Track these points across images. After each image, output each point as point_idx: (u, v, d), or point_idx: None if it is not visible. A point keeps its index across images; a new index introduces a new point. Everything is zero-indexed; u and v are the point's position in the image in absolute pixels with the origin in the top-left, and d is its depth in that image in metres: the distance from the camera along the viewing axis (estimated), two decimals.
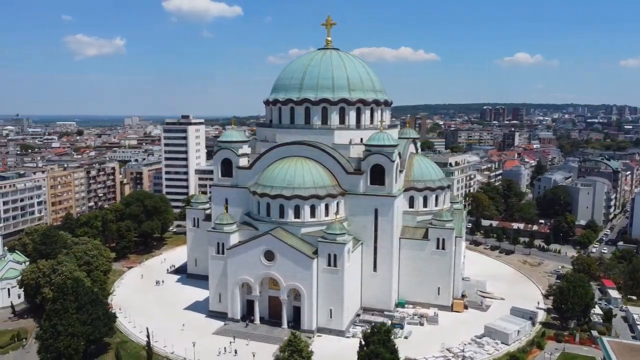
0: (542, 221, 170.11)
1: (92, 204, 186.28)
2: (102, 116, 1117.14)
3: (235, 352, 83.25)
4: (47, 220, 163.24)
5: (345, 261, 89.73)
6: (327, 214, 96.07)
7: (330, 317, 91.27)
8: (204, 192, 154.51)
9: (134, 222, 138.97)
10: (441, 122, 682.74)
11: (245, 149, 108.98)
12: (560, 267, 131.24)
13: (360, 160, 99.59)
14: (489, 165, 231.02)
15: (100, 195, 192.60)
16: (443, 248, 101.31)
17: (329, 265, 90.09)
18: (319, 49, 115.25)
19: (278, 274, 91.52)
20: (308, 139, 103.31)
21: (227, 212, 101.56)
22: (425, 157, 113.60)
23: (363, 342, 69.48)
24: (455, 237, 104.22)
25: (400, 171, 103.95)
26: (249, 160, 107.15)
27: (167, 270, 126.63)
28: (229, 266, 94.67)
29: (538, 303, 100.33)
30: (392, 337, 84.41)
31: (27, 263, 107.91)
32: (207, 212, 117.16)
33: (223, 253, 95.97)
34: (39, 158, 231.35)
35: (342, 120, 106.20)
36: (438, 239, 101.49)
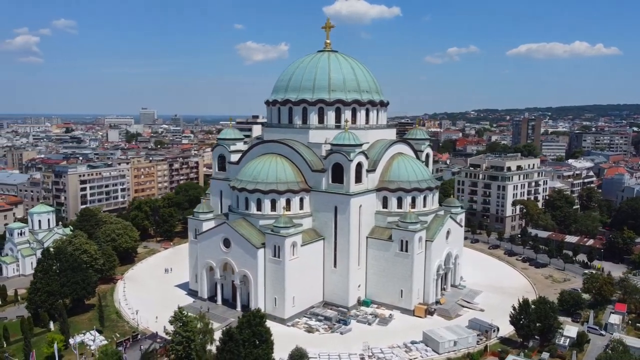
0: (612, 235, 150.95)
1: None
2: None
3: None
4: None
5: (288, 254, 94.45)
6: (288, 209, 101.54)
7: (275, 305, 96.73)
8: None
9: (178, 210, 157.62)
10: (593, 125, 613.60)
11: (239, 146, 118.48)
12: (582, 286, 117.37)
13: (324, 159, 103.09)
14: (578, 172, 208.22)
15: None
16: (406, 250, 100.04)
17: (274, 256, 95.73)
18: (318, 52, 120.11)
19: (232, 260, 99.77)
20: (289, 138, 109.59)
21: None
22: (409, 159, 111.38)
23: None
24: (426, 240, 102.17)
25: (370, 171, 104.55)
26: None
27: None
28: (198, 250, 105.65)
29: (493, 320, 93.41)
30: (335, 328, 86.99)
31: None
32: None
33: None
34: (138, 153, 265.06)
35: (320, 120, 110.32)
36: (402, 241, 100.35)
